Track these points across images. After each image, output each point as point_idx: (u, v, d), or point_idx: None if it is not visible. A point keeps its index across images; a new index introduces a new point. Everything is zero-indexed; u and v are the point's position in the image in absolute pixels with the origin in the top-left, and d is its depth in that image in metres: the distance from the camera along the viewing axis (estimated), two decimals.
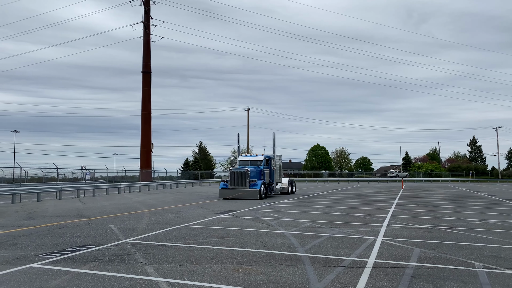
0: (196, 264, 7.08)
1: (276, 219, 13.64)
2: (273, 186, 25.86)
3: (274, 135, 27.01)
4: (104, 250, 8.30)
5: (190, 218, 13.75)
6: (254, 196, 22.71)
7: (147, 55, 50.30)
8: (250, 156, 26.50)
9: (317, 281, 6.06)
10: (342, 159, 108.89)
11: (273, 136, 27.06)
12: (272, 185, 25.66)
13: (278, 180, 27.42)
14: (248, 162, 25.42)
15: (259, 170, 24.49)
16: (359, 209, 17.53)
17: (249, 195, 22.80)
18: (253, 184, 23.14)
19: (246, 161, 25.58)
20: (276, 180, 26.55)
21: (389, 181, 72.41)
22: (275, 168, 26.18)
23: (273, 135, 27.14)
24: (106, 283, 5.92)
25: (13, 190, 21.80)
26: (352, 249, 8.43)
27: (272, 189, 25.62)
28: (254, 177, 23.64)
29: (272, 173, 25.88)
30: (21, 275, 6.33)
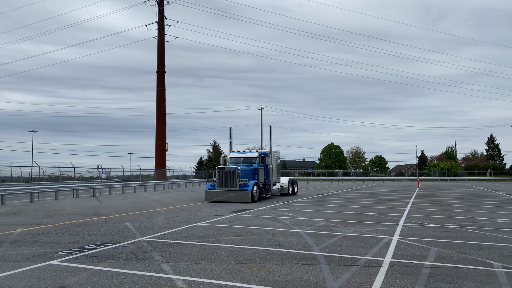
0: (212, 262, 7.13)
1: (291, 218, 13.63)
2: (269, 186, 22.72)
3: (271, 129, 23.49)
4: (121, 248, 8.41)
5: (205, 217, 13.84)
6: (244, 198, 19.69)
7: (162, 55, 50.66)
8: (243, 152, 23.17)
9: (333, 280, 6.05)
10: (357, 158, 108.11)
11: (269, 130, 23.57)
12: (268, 186, 22.58)
13: (276, 180, 24.49)
14: (240, 159, 22.22)
15: (252, 168, 21.39)
16: (374, 208, 17.40)
17: (239, 198, 19.77)
18: (244, 185, 20.04)
19: (238, 159, 22.35)
20: (273, 180, 23.49)
21: (404, 180, 71.63)
22: (271, 167, 22.96)
23: (269, 129, 23.55)
24: (124, 280, 6.01)
25: (32, 189, 22.22)
26: (367, 248, 8.38)
27: (268, 190, 22.58)
28: (246, 176, 20.60)
29: (268, 172, 22.76)
30: (41, 272, 6.46)
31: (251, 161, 21.90)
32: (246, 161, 21.94)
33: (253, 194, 19.98)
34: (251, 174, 21.11)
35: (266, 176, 22.59)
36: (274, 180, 23.78)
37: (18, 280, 5.98)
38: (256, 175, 21.33)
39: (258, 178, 21.31)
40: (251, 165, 21.65)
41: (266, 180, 22.56)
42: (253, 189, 20.12)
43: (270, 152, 23.08)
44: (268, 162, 22.74)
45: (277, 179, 24.53)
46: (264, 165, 22.43)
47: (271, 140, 23.15)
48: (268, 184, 22.62)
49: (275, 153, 24.36)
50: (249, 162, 21.86)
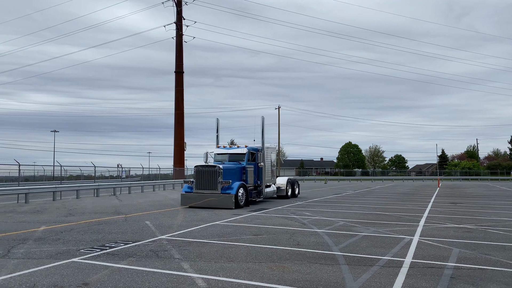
0: (231, 261, 7.16)
1: (309, 217, 13.58)
2: (262, 188, 19.25)
3: (263, 120, 19.70)
4: (141, 246, 8.52)
5: (223, 215, 13.90)
6: (227, 203, 16.34)
7: (180, 56, 51.09)
8: (229, 148, 19.85)
9: (353, 280, 6.00)
10: (376, 157, 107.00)
11: (262, 122, 19.74)
12: (260, 188, 19.20)
13: (271, 181, 20.99)
14: (226, 156, 19.07)
15: (239, 167, 18.16)
16: (394, 208, 17.19)
17: (221, 203, 16.45)
18: (226, 187, 16.64)
19: (223, 155, 19.18)
20: (267, 180, 20.06)
21: (424, 180, 70.54)
22: (262, 165, 19.32)
23: (261, 120, 19.72)
24: (144, 278, 6.08)
25: (54, 188, 22.71)
26: (387, 249, 8.28)
27: (260, 193, 19.13)
28: (231, 176, 17.30)
29: (259, 172, 19.32)
30: (64, 269, 6.59)
31: (239, 159, 18.71)
32: (232, 159, 18.84)
33: (238, 198, 16.57)
34: (238, 174, 17.96)
35: (258, 176, 19.29)
36: (268, 181, 20.44)
37: (42, 277, 6.12)
38: (244, 174, 18.20)
39: (246, 179, 18.17)
40: (239, 163, 18.44)
41: (258, 181, 19.24)
42: (238, 192, 16.69)
43: (262, 148, 19.63)
44: (260, 159, 19.30)
45: (272, 179, 21.16)
46: (254, 163, 19.05)
47: (264, 134, 19.63)
48: (260, 185, 19.26)
49: (269, 149, 20.90)
50: (237, 159, 18.72)
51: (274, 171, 21.44)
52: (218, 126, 21.39)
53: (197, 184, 17.06)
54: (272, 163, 21.00)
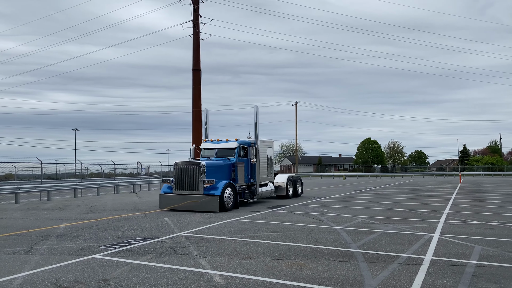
0: (248, 258, 7.17)
1: (327, 214, 13.50)
2: (255, 188, 17.00)
3: (257, 110, 17.44)
4: (159, 243, 8.61)
5: (240, 212, 13.93)
6: (210, 206, 14.18)
7: (197, 53, 51.28)
8: (217, 142, 17.34)
9: (371, 277, 5.94)
10: (395, 153, 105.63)
11: (255, 111, 17.38)
12: (253, 187, 17.04)
13: (268, 178, 18.74)
14: (214, 151, 16.95)
15: (228, 164, 16.10)
16: (414, 204, 16.94)
17: (203, 205, 14.30)
18: (210, 187, 14.50)
19: (211, 150, 17.07)
20: (262, 178, 17.81)
21: (445, 176, 69.32)
22: (255, 161, 17.05)
23: (254, 110, 17.44)
24: (163, 274, 6.14)
25: (75, 185, 23.16)
26: (407, 246, 8.17)
27: (253, 193, 16.90)
28: (218, 175, 15.17)
29: (252, 169, 17.11)
30: (84, 265, 6.71)
31: (228, 154, 16.55)
32: (221, 154, 16.72)
33: (223, 200, 14.36)
34: (225, 172, 15.86)
35: (251, 174, 17.09)
36: (264, 179, 18.23)
37: (64, 273, 6.24)
38: (234, 172, 16.06)
39: (236, 177, 16.02)
40: (228, 159, 16.34)
41: (251, 180, 17.08)
42: (224, 192, 14.49)
43: (255, 142, 17.35)
44: (252, 154, 17.06)
45: (268, 177, 18.84)
46: (246, 159, 16.84)
47: (258, 126, 17.31)
48: (253, 184, 17.08)
49: (265, 143, 18.69)
50: (226, 155, 16.59)
51: (271, 168, 19.26)
52: (207, 118, 19.87)
53: (177, 184, 14.97)
54: (268, 159, 18.84)
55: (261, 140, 17.93)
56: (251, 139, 17.63)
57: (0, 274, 6.18)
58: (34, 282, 5.78)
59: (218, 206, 14.07)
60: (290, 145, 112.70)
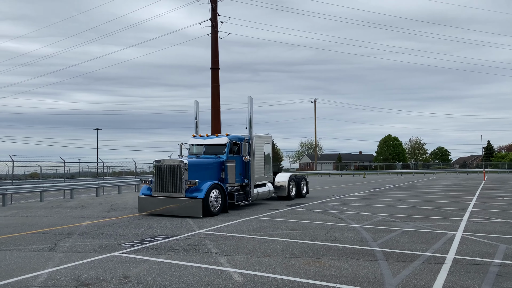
0: (267, 256, 7.17)
1: (347, 212, 13.38)
2: (250, 189, 15.12)
3: (251, 102, 15.48)
4: (179, 241, 8.69)
5: (259, 210, 13.94)
6: (193, 211, 12.43)
7: (215, 52, 51.46)
8: (206, 137, 15.61)
9: (391, 276, 5.86)
10: (417, 150, 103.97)
11: (249, 102, 15.48)
12: (248, 188, 15.16)
13: (265, 178, 16.68)
14: (202, 148, 15.31)
15: (216, 162, 14.26)
16: (436, 202, 16.64)
17: (185, 209, 12.56)
18: (193, 189, 12.71)
19: (199, 147, 15.43)
20: (258, 178, 15.94)
21: (469, 173, 67.85)
22: (248, 159, 15.13)
23: (249, 101, 15.49)
24: (182, 272, 6.20)
25: (97, 184, 23.61)
26: (428, 244, 8.03)
27: (247, 194, 15.05)
28: (202, 174, 13.40)
29: (247, 167, 15.28)
30: (106, 263, 6.83)
31: (218, 151, 14.79)
32: (210, 151, 15.02)
33: (208, 203, 12.57)
34: (213, 171, 14.08)
35: (245, 173, 15.27)
36: (261, 178, 16.28)
37: (86, 270, 6.36)
38: (224, 171, 14.23)
39: (225, 177, 14.19)
40: (217, 156, 14.57)
41: (245, 180, 15.26)
42: (210, 195, 12.71)
43: (250, 137, 15.47)
44: (245, 151, 15.12)
45: (266, 177, 16.78)
46: (238, 157, 15.01)
47: (252, 120, 15.46)
48: (247, 184, 15.24)
49: (261, 138, 16.71)
50: (215, 151, 14.84)
51: (268, 166, 17.06)
52: (197, 111, 17.69)
53: (156, 185, 13.25)
54: (265, 156, 16.80)
55: (256, 135, 16.16)
56: (245, 134, 15.77)
57: (26, 271, 6.35)
58: (58, 278, 5.91)
59: (201, 211, 12.30)
60: (310, 143, 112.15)
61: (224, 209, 13.42)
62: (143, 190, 13.83)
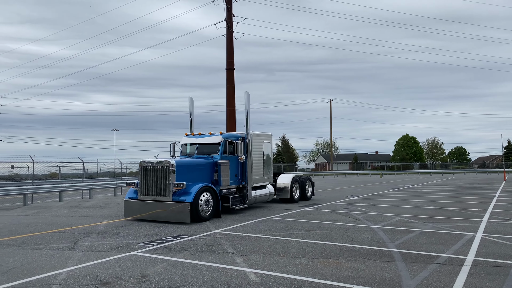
0: (283, 256, 7.16)
1: (364, 213, 13.28)
2: (247, 191, 14.09)
3: (248, 97, 14.54)
4: (196, 240, 8.75)
5: (275, 210, 13.93)
6: (180, 216, 11.38)
7: (230, 53, 51.64)
8: (199, 136, 14.44)
9: (409, 278, 5.79)
10: (435, 150, 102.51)
11: (246, 98, 14.53)
12: (245, 190, 14.12)
13: (264, 180, 15.48)
14: (194, 147, 14.19)
15: (208, 163, 13.12)
16: (455, 202, 16.38)
17: (172, 215, 11.53)
18: (180, 192, 11.68)
19: (191, 147, 14.36)
20: (256, 179, 14.82)
21: (488, 173, 66.56)
22: (243, 159, 14.00)
23: (245, 96, 14.57)
24: (199, 271, 6.24)
25: (115, 184, 23.91)
26: (447, 246, 7.91)
27: (244, 197, 14.04)
28: (190, 176, 12.25)
29: (243, 168, 14.23)
30: (124, 262, 6.92)
31: (211, 150, 13.66)
32: (203, 150, 13.89)
33: (198, 207, 11.51)
34: (205, 172, 12.93)
35: (241, 175, 14.21)
36: (259, 180, 15.12)
37: (105, 269, 6.46)
38: (217, 173, 13.10)
39: (219, 178, 13.06)
40: (210, 157, 13.45)
41: (242, 181, 14.18)
42: (199, 199, 11.65)
43: (246, 136, 14.44)
44: (240, 151, 14.02)
45: (265, 178, 15.59)
46: (233, 157, 13.87)
47: (249, 117, 14.44)
48: (244, 186, 14.20)
49: (260, 137, 15.52)
50: (208, 151, 13.71)
51: (268, 166, 15.86)
52: (192, 108, 16.58)
53: (142, 188, 12.24)
54: (265, 156, 15.60)
55: (254, 133, 15.06)
56: (242, 132, 14.76)
57: (46, 269, 6.48)
58: (77, 277, 6.02)
59: (189, 216, 11.25)
60: (325, 143, 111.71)
61: (217, 214, 12.32)
62: (129, 193, 12.85)
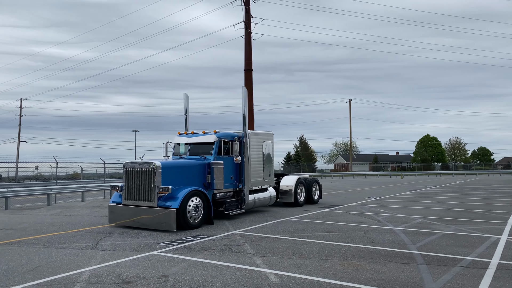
0: (303, 258, 7.15)
1: (384, 214, 13.13)
2: (244, 195, 12.87)
3: (245, 93, 13.41)
4: (215, 240, 8.80)
5: (294, 212, 13.90)
6: (165, 223, 10.34)
7: (249, 54, 51.68)
8: (192, 135, 13.30)
9: (432, 280, 5.71)
10: (457, 150, 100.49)
11: (243, 94, 13.35)
12: (242, 194, 12.90)
13: (264, 182, 14.25)
14: (187, 147, 13.03)
15: (199, 164, 11.96)
16: (478, 204, 16.03)
17: (157, 222, 10.48)
18: (166, 197, 10.63)
19: (184, 146, 13.22)
20: (255, 182, 13.64)
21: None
22: (239, 160, 12.78)
23: (242, 91, 13.43)
24: (219, 272, 6.28)
25: None
26: (471, 248, 7.76)
27: (241, 202, 12.84)
28: (179, 179, 11.15)
29: (241, 169, 13.04)
30: (145, 261, 7.02)
31: (205, 151, 12.52)
32: (195, 150, 12.77)
33: (185, 213, 10.50)
34: (195, 175, 11.76)
35: (238, 177, 13.01)
36: (259, 183, 13.93)
37: (126, 268, 6.56)
38: (210, 175, 11.92)
39: (212, 181, 11.87)
40: (203, 157, 12.35)
41: (238, 184, 12.98)
42: (186, 205, 10.59)
43: (243, 135, 13.23)
44: (236, 151, 12.88)
45: (266, 180, 14.36)
46: (229, 158, 12.67)
47: (246, 115, 13.25)
48: (241, 189, 12.98)
49: (259, 136, 14.37)
50: (201, 151, 12.58)
51: (269, 168, 14.65)
52: (187, 105, 15.24)
53: (126, 192, 11.24)
54: (265, 157, 14.37)
55: (253, 132, 14.09)
56: (239, 131, 13.43)
57: (70, 267, 6.63)
58: (100, 276, 6.14)
59: (175, 223, 10.21)
60: (345, 143, 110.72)
61: (208, 220, 11.27)
62: (114, 197, 11.83)
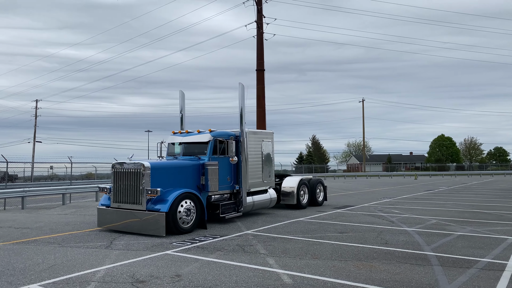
0: (316, 258, 7.12)
1: (398, 215, 13.00)
2: (241, 197, 12.17)
3: (243, 89, 12.48)
4: (228, 241, 8.82)
5: (307, 212, 13.86)
6: (153, 228, 9.68)
7: (261, 54, 51.65)
8: (186, 135, 12.63)
9: (447, 282, 5.63)
10: (472, 150, 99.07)
11: (240, 90, 12.47)
12: (239, 196, 12.22)
13: (263, 184, 13.52)
14: (181, 147, 12.51)
15: (192, 165, 11.36)
16: (494, 205, 15.77)
17: (146, 226, 9.83)
18: (155, 200, 9.99)
19: (177, 146, 12.70)
20: (253, 183, 12.90)
21: None
22: (235, 160, 12.02)
23: (239, 88, 12.49)
24: (232, 272, 6.29)
25: None
26: (487, 250, 7.64)
27: (238, 204, 12.18)
28: (170, 181, 10.60)
29: (238, 170, 12.36)
30: (159, 261, 7.07)
31: (199, 151, 11.93)
32: (189, 150, 12.18)
33: (176, 217, 9.87)
34: (189, 176, 11.16)
35: (235, 178, 12.34)
36: (257, 184, 13.19)
37: (140, 267, 6.62)
38: (204, 176, 11.33)
39: (206, 183, 11.26)
40: (197, 158, 11.76)
41: (236, 186, 12.31)
42: (177, 208, 9.95)
43: (241, 134, 12.47)
44: (231, 151, 12.10)
45: (265, 182, 13.63)
46: (224, 158, 11.98)
47: (244, 112, 12.41)
48: (238, 191, 12.30)
49: (257, 135, 13.70)
50: (196, 151, 11.99)
51: (269, 168, 13.91)
52: (183, 103, 14.59)
53: (115, 195, 10.63)
54: (264, 157, 13.65)
55: (251, 131, 13.34)
56: (237, 130, 12.69)
57: (85, 266, 6.71)
58: (114, 275, 6.20)
59: (164, 228, 9.59)
60: (357, 143, 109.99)
61: (201, 224, 10.64)
62: (103, 199, 11.28)
